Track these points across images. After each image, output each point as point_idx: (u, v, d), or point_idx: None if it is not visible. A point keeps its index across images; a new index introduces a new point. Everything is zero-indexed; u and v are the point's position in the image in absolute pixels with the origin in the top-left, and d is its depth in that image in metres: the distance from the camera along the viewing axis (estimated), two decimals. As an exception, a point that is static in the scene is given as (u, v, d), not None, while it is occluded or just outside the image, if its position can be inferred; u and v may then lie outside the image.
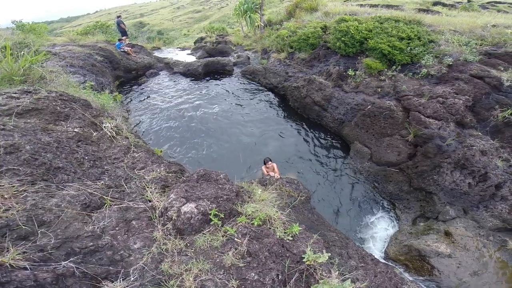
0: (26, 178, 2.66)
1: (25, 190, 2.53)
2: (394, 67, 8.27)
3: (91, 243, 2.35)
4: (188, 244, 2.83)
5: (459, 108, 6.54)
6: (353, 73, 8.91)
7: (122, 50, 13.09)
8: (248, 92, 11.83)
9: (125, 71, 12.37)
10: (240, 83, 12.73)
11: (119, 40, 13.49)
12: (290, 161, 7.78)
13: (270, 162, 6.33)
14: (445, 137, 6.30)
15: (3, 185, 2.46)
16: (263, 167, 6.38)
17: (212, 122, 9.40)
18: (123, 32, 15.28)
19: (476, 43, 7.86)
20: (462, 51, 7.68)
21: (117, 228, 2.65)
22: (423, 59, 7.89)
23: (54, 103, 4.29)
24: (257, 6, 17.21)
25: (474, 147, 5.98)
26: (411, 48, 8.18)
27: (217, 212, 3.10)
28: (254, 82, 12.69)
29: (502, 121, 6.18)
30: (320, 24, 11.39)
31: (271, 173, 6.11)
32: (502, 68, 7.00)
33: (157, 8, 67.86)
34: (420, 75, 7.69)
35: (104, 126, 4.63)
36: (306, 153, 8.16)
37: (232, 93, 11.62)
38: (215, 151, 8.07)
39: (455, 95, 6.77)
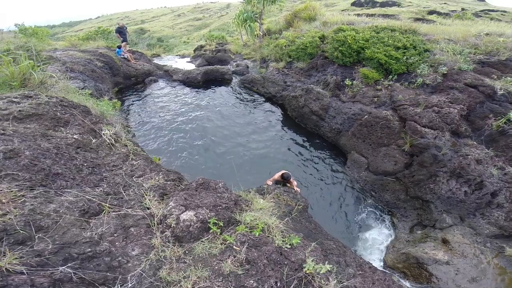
0: (24, 183, 2.68)
1: (23, 195, 2.54)
2: (390, 76, 8.43)
3: (89, 249, 2.37)
4: (187, 252, 2.85)
5: (454, 117, 6.65)
6: (350, 82, 9.07)
7: (122, 56, 13.21)
8: (246, 101, 11.94)
9: (125, 77, 12.46)
10: (239, 92, 12.86)
11: (118, 47, 13.64)
12: (287, 171, 7.80)
13: (290, 179, 5.87)
14: (441, 146, 6.38)
15: (1, 190, 2.48)
16: (272, 178, 6.02)
17: (209, 131, 9.44)
18: (124, 39, 15.47)
19: (470, 52, 8.01)
20: (456, 60, 7.83)
21: (115, 235, 2.66)
22: (418, 68, 8.03)
23: (54, 109, 4.32)
24: (257, 15, 17.53)
25: (470, 156, 6.07)
26: (407, 58, 8.35)
27: (216, 221, 3.13)
28: (252, 91, 12.82)
29: (497, 130, 6.28)
30: (318, 33, 11.62)
31: (269, 182, 6.07)
32: (496, 77, 7.14)
33: (158, 15, 68.84)
34: (415, 84, 7.83)
35: (103, 133, 4.65)
36: (303, 163, 8.20)
37: (230, 102, 11.71)
38: (212, 160, 8.08)
39: (450, 104, 6.90)
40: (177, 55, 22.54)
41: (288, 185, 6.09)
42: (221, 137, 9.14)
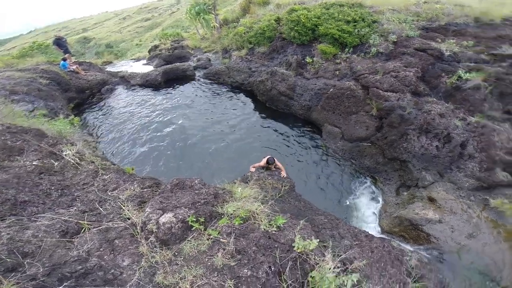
0: (-8, 216, 2.60)
1: (-5, 227, 2.48)
2: (346, 49, 8.99)
3: (80, 267, 2.41)
4: (176, 253, 2.88)
5: (411, 80, 7.24)
6: (311, 60, 9.50)
7: (69, 69, 12.41)
8: (214, 93, 11.93)
9: (78, 91, 11.76)
10: (205, 86, 12.77)
11: (63, 59, 12.77)
12: (267, 154, 7.95)
13: (275, 163, 5.97)
14: (405, 106, 6.88)
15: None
16: (257, 164, 6.13)
17: (182, 130, 9.34)
18: (66, 50, 14.51)
19: (413, 20, 8.81)
20: (403, 28, 8.57)
21: (101, 249, 2.68)
22: (370, 39, 8.65)
23: (2, 138, 4.10)
24: (210, 7, 17.24)
25: (433, 112, 6.55)
26: (358, 30, 8.93)
27: (196, 217, 3.14)
28: (219, 83, 12.81)
29: (451, 86, 6.92)
30: (273, 16, 11.89)
31: (252, 169, 6.07)
32: (440, 40, 7.90)
33: (100, 21, 64.37)
34: (371, 54, 8.42)
35: (65, 154, 4.51)
36: (281, 144, 8.45)
37: (198, 97, 11.63)
38: (191, 159, 8.04)
39: (405, 68, 7.49)
40: (131, 59, 21.57)
41: (274, 169, 6.20)
42: (195, 134, 9.08)
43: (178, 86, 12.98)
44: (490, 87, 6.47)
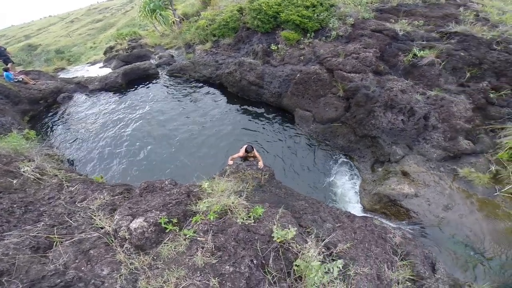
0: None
1: (-41, 252, 2.38)
2: (308, 34, 9.32)
3: (59, 280, 2.41)
4: (155, 257, 2.86)
5: (371, 60, 7.67)
6: (276, 47, 9.74)
7: (16, 80, 11.49)
8: (182, 90, 11.73)
9: (31, 102, 10.98)
10: (170, 83, 12.52)
11: (5, 70, 11.77)
12: (244, 144, 7.94)
13: (253, 152, 6.07)
14: (369, 85, 7.30)
15: None
16: (236, 155, 6.15)
17: (153, 131, 9.12)
18: (6, 60, 13.37)
19: (367, 2, 9.34)
20: (358, 10, 9.05)
21: (77, 261, 2.67)
22: (330, 23, 9.05)
23: None
24: (167, 2, 16.74)
25: (394, 88, 6.99)
26: (317, 15, 9.29)
27: (168, 219, 3.09)
28: (185, 79, 12.61)
29: (408, 64, 7.43)
30: (235, 7, 11.94)
31: (230, 162, 5.98)
32: (393, 21, 8.46)
33: (44, 26, 59.16)
34: (331, 38, 8.81)
35: (23, 171, 4.30)
36: (256, 134, 8.57)
37: (165, 96, 11.39)
38: (168, 160, 7.89)
39: (364, 50, 7.91)
40: (87, 63, 20.43)
41: (252, 158, 6.27)
42: (167, 134, 8.91)
43: (141, 86, 12.59)
44: (443, 62, 7.02)
